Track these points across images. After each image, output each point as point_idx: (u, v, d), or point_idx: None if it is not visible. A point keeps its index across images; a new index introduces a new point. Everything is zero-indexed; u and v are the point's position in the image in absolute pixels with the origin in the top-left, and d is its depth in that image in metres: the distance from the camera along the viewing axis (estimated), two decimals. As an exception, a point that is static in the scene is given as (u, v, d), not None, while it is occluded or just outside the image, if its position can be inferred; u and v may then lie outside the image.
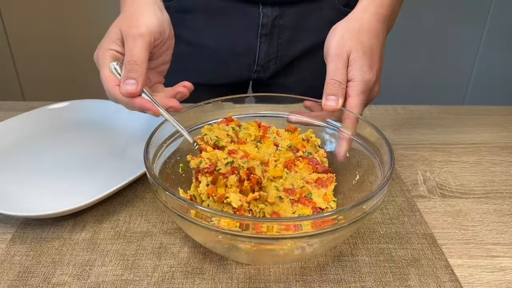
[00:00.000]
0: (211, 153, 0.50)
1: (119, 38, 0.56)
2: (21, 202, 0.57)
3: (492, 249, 0.53)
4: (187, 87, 0.59)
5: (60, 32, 1.79)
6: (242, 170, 0.48)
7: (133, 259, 0.50)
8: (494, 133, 0.77)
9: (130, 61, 0.53)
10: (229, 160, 0.49)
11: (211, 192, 0.48)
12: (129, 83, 0.52)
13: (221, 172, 0.48)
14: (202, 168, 0.49)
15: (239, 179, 0.48)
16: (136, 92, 0.53)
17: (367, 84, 0.56)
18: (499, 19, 1.80)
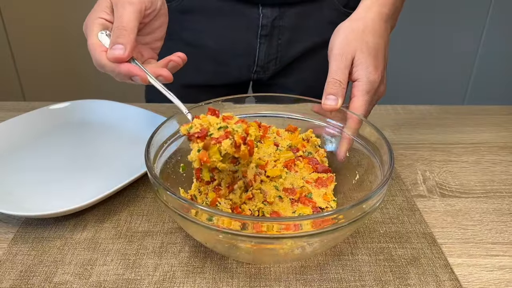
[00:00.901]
0: (203, 119, 0.46)
1: (108, 7, 0.55)
2: (23, 202, 0.57)
3: (491, 248, 0.53)
4: (181, 57, 0.57)
5: (61, 32, 1.79)
6: (237, 134, 0.44)
7: (134, 258, 0.51)
8: (493, 132, 0.77)
9: (118, 27, 0.52)
10: (222, 125, 0.45)
11: (203, 158, 0.44)
12: (117, 48, 0.51)
13: (214, 137, 0.44)
14: (192, 133, 0.45)
15: (234, 144, 0.44)
16: (124, 57, 0.51)
17: (372, 85, 0.56)
18: (499, 19, 1.80)
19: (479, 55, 1.88)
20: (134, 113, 0.75)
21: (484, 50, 1.87)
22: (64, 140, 0.71)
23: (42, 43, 1.81)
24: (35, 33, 1.79)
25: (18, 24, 1.78)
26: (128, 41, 0.51)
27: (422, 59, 1.87)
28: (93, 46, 0.52)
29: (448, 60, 1.88)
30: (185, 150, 0.57)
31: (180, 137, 0.56)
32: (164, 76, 0.54)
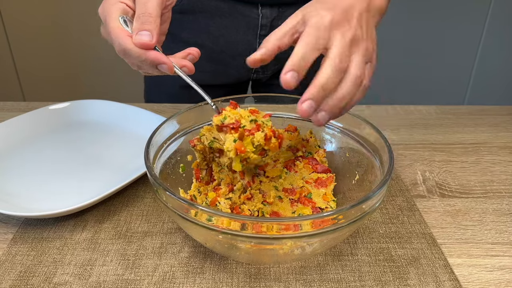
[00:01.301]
0: (231, 111, 0.47)
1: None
2: (22, 202, 0.57)
3: (491, 248, 0.53)
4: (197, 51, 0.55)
5: (60, 32, 1.79)
6: (267, 127, 0.46)
7: (134, 258, 0.51)
8: (493, 133, 0.77)
9: (144, 13, 0.49)
10: (252, 118, 0.47)
11: (240, 148, 0.45)
12: (144, 34, 0.48)
13: (247, 129, 0.46)
14: (227, 124, 0.46)
15: (265, 137, 0.46)
16: (151, 44, 0.48)
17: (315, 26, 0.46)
18: (499, 19, 1.80)
19: (479, 56, 1.88)
20: (133, 113, 0.75)
21: (483, 50, 1.87)
22: (64, 140, 0.71)
23: (41, 43, 1.81)
24: (35, 33, 1.79)
25: (17, 24, 1.78)
26: (155, 28, 0.49)
27: (422, 59, 1.88)
28: (116, 30, 0.49)
29: (448, 60, 1.88)
30: (185, 151, 0.57)
31: (180, 138, 0.56)
32: (188, 67, 0.53)
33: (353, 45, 0.46)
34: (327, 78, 0.44)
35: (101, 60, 1.83)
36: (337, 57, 0.45)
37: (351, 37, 0.46)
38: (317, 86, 0.44)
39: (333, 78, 0.44)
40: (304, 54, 0.45)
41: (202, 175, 0.55)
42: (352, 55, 0.46)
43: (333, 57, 0.45)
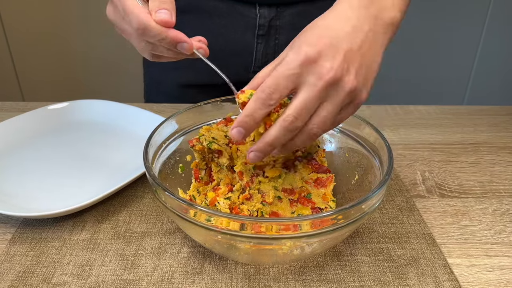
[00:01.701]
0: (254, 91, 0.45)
1: None
2: (21, 202, 0.57)
3: (490, 248, 0.53)
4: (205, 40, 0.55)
5: (59, 32, 1.79)
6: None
7: (133, 259, 0.51)
8: (493, 133, 0.77)
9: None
10: None
11: (268, 123, 0.44)
12: (164, 12, 0.47)
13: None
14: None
15: None
16: (171, 22, 0.48)
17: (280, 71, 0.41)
18: (498, 20, 1.80)
19: (478, 56, 1.88)
20: (133, 113, 0.74)
21: (483, 51, 1.87)
22: (63, 140, 0.71)
23: (40, 43, 1.81)
24: (34, 33, 1.79)
25: (16, 24, 1.77)
26: (172, 8, 0.48)
27: (422, 59, 1.88)
28: (134, 8, 0.47)
29: (448, 60, 1.88)
30: (184, 151, 0.57)
31: (179, 138, 0.56)
32: (204, 49, 0.52)
33: (329, 89, 0.41)
34: (275, 137, 0.43)
35: (100, 60, 1.82)
36: (291, 116, 0.41)
37: (327, 82, 0.40)
38: (263, 142, 0.44)
39: (282, 137, 0.43)
40: (252, 110, 0.42)
41: (201, 175, 0.55)
42: (323, 102, 0.42)
43: (286, 116, 0.41)
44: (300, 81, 0.41)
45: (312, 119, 0.42)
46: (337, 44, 0.41)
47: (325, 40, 0.41)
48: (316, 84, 0.41)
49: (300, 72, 0.41)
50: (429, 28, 1.80)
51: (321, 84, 0.40)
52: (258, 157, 0.45)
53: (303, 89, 0.41)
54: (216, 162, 0.54)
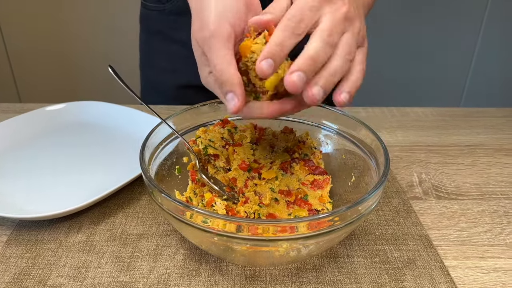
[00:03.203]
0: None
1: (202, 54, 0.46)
2: (17, 203, 0.57)
3: (487, 250, 0.53)
4: None
5: (56, 34, 1.79)
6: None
7: (129, 261, 0.50)
8: (489, 135, 0.77)
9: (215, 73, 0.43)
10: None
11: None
12: (229, 99, 0.43)
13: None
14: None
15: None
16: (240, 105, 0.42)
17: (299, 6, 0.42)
18: (495, 22, 1.81)
19: (475, 58, 1.89)
20: (129, 114, 0.74)
21: (480, 53, 1.88)
22: (59, 142, 0.71)
23: (37, 44, 1.81)
24: (31, 34, 1.79)
25: (13, 25, 1.77)
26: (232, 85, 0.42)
27: (419, 62, 1.88)
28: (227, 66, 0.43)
29: (444, 63, 1.89)
30: (181, 152, 0.57)
31: (175, 139, 0.56)
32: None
33: (346, 22, 0.43)
34: (316, 50, 0.41)
35: (97, 61, 1.82)
36: (326, 31, 0.42)
37: (345, 13, 0.43)
38: (306, 57, 0.41)
39: (323, 50, 0.41)
40: (281, 39, 0.41)
41: (198, 177, 0.55)
42: (344, 32, 0.43)
43: (322, 30, 0.42)
44: (321, 13, 0.43)
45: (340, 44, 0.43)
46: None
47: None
48: (336, 13, 0.43)
49: (320, 5, 0.43)
50: (426, 30, 1.81)
51: (340, 13, 0.43)
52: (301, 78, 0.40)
53: (327, 16, 0.43)
54: (213, 164, 0.54)
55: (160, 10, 0.85)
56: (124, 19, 1.70)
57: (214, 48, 0.43)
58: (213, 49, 0.43)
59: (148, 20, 0.90)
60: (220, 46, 0.42)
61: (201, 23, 0.44)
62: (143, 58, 0.95)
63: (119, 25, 1.74)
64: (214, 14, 0.43)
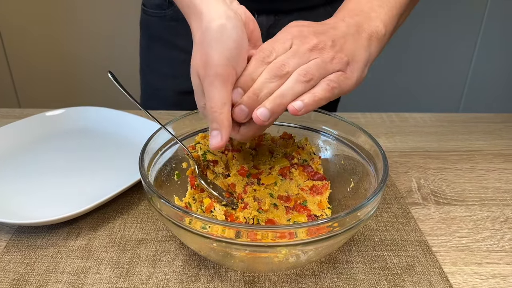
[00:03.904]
0: None
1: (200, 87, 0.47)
2: (16, 209, 0.57)
3: (486, 256, 0.53)
4: None
5: (56, 39, 1.79)
6: None
7: (128, 266, 0.50)
8: (487, 140, 0.77)
9: (208, 108, 0.45)
10: None
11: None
12: (213, 136, 0.45)
13: None
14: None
15: None
16: (221, 145, 0.45)
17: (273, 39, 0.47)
18: (493, 28, 1.81)
19: (473, 64, 1.90)
20: (129, 120, 0.75)
21: (478, 59, 1.88)
22: (59, 147, 0.71)
23: (37, 50, 1.81)
24: (31, 39, 1.79)
25: (13, 31, 1.78)
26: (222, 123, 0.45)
27: (417, 67, 1.89)
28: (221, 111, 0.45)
29: (443, 69, 1.90)
30: (180, 158, 0.57)
31: (174, 145, 0.56)
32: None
33: (313, 52, 0.46)
34: (260, 84, 0.45)
35: (97, 67, 1.82)
36: (279, 63, 0.45)
37: (312, 45, 0.46)
38: (250, 92, 0.45)
39: (268, 82, 0.45)
40: (251, 70, 0.46)
41: (197, 182, 0.55)
42: (308, 60, 0.46)
43: (274, 63, 0.45)
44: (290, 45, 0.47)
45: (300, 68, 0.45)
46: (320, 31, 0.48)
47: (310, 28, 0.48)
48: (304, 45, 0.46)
49: (291, 39, 0.47)
50: (425, 36, 1.82)
51: (308, 46, 0.46)
52: (243, 112, 0.45)
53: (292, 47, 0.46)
54: (212, 169, 0.54)
55: (161, 16, 0.86)
56: (124, 25, 1.71)
57: (214, 87, 0.44)
58: (213, 87, 0.44)
59: (148, 26, 0.90)
60: (220, 88, 0.44)
61: (206, 60, 0.45)
62: (143, 63, 0.95)
63: (118, 30, 1.74)
64: (219, 59, 0.44)
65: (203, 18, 0.46)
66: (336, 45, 0.47)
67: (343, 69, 0.47)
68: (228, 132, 0.45)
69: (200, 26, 0.46)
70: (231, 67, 0.45)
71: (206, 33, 0.45)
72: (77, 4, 1.72)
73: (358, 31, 0.49)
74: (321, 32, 0.47)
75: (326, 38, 0.47)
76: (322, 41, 0.46)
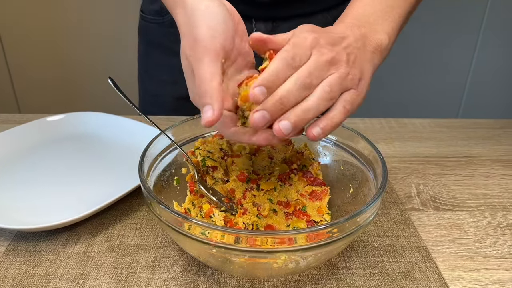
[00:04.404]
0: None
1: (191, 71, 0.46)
2: (15, 214, 0.57)
3: (485, 261, 0.53)
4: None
5: (57, 44, 1.80)
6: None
7: (127, 272, 0.50)
8: (486, 146, 0.77)
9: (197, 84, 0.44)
10: None
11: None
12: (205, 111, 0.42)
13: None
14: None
15: None
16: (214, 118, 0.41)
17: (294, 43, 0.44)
18: (492, 34, 1.82)
19: (472, 70, 1.90)
20: (129, 125, 0.75)
21: (477, 64, 1.89)
22: (58, 153, 0.71)
23: (37, 55, 1.82)
24: (31, 45, 1.79)
25: (13, 36, 1.78)
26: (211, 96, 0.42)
27: (416, 73, 1.89)
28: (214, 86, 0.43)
29: (442, 74, 1.90)
30: (179, 163, 0.57)
31: (174, 150, 0.56)
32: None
33: (331, 66, 0.44)
34: (288, 91, 0.42)
35: (97, 73, 1.83)
36: (305, 72, 0.43)
37: (330, 58, 0.44)
38: (276, 97, 0.42)
39: (295, 91, 0.42)
40: (277, 69, 0.42)
41: (196, 187, 0.55)
42: (327, 74, 0.44)
43: (301, 71, 0.43)
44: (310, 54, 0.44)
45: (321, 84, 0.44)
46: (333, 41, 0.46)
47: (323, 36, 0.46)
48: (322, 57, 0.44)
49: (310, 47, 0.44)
50: (424, 42, 1.82)
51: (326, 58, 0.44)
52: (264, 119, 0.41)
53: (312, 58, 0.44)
54: (211, 175, 0.54)
55: (159, 22, 0.86)
56: (124, 31, 1.71)
57: (202, 62, 0.43)
58: (201, 63, 0.43)
59: (147, 32, 0.90)
60: (208, 62, 0.43)
61: (194, 40, 0.44)
62: (142, 69, 0.95)
63: (119, 37, 1.75)
64: (207, 32, 0.44)
65: (186, 4, 0.46)
66: (349, 60, 0.46)
67: (355, 86, 0.46)
68: (220, 105, 0.42)
69: (185, 12, 0.46)
70: (218, 43, 0.44)
71: (191, 16, 0.45)
72: (77, 10, 1.72)
73: (364, 43, 0.49)
74: (334, 43, 0.46)
75: (341, 50, 0.45)
76: (338, 54, 0.45)
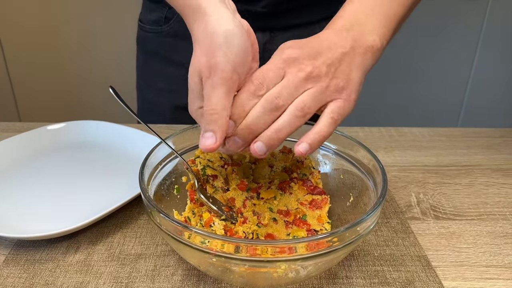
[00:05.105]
0: None
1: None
2: (15, 223, 0.57)
3: (485, 271, 0.53)
4: None
5: (57, 53, 1.81)
6: None
7: (127, 281, 0.50)
8: (486, 155, 0.78)
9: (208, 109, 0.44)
10: None
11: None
12: (207, 137, 0.44)
13: None
14: None
15: None
16: (214, 147, 0.44)
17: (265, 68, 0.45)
18: (491, 42, 1.83)
19: (472, 79, 1.91)
20: (129, 134, 0.75)
21: (476, 73, 1.90)
22: (58, 161, 0.71)
23: (39, 64, 1.82)
24: (32, 54, 1.80)
25: (14, 44, 1.79)
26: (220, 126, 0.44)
27: (416, 82, 1.90)
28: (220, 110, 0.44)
29: (442, 83, 1.91)
30: (180, 172, 0.57)
31: (175, 159, 0.57)
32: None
33: (307, 81, 0.45)
34: (254, 118, 0.44)
35: (98, 81, 1.84)
36: (273, 94, 0.44)
37: (307, 74, 0.45)
38: (243, 125, 0.45)
39: (262, 117, 0.44)
40: (242, 102, 0.45)
41: (196, 196, 0.55)
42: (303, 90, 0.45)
43: (268, 95, 0.44)
44: (283, 74, 0.45)
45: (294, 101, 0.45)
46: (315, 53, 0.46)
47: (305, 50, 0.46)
48: (297, 74, 0.45)
49: (283, 67, 0.45)
50: (423, 50, 1.83)
51: (302, 74, 0.45)
52: (237, 144, 0.45)
53: (285, 77, 0.45)
54: (211, 184, 0.54)
55: (157, 32, 0.86)
56: (123, 41, 1.72)
57: (218, 91, 0.44)
58: (217, 91, 0.44)
59: (145, 42, 0.91)
60: (224, 94, 0.44)
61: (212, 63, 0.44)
62: (140, 78, 0.96)
63: (118, 46, 1.76)
64: (228, 60, 0.44)
65: (208, 20, 0.45)
66: (330, 71, 0.46)
67: (339, 96, 0.47)
68: (224, 135, 0.44)
69: (205, 28, 0.45)
70: (237, 75, 0.44)
71: (213, 36, 0.44)
72: (78, 20, 1.74)
73: (354, 47, 0.48)
74: (316, 55, 0.46)
75: (321, 63, 0.46)
76: (316, 68, 0.45)
